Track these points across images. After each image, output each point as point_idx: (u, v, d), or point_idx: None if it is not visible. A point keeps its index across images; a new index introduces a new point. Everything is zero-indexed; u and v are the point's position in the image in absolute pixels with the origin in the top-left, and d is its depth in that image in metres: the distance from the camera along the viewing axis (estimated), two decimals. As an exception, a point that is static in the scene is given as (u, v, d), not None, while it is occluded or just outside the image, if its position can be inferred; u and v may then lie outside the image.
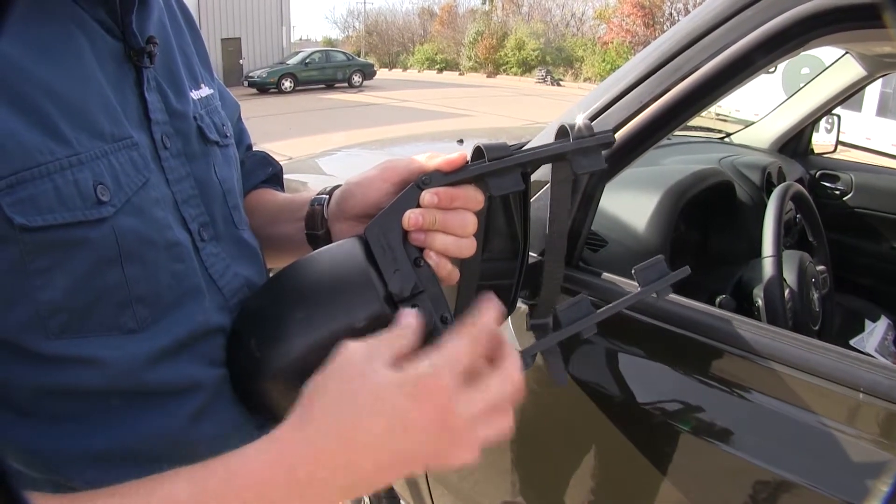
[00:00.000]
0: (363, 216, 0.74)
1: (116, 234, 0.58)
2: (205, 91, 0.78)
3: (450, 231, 0.67)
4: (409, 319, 0.59)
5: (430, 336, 0.62)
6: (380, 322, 0.63)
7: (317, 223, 0.81)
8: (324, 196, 0.82)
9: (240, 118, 0.94)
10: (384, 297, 0.64)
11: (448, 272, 0.68)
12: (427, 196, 0.66)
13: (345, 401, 0.53)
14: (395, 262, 0.66)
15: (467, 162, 0.68)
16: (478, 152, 0.68)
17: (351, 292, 0.65)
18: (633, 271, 0.75)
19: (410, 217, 0.66)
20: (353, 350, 0.55)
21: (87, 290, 0.56)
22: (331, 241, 0.78)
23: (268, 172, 0.98)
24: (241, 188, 0.83)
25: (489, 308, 0.59)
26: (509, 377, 0.57)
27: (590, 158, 0.71)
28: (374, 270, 0.65)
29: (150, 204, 0.62)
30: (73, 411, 0.58)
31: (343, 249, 0.68)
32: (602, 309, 0.70)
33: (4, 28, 0.47)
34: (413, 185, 0.68)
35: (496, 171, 0.67)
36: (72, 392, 0.57)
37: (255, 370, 0.67)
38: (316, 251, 0.71)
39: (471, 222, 0.68)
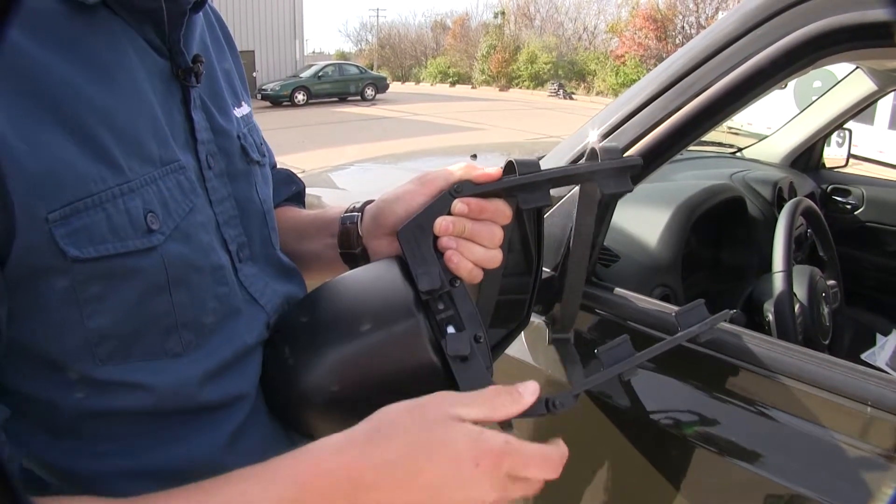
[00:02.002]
0: None
1: (165, 262, 0.57)
2: (245, 109, 0.78)
3: (478, 241, 0.69)
4: (526, 395, 0.60)
5: (461, 356, 0.64)
6: (414, 339, 0.64)
7: (352, 241, 0.81)
8: (355, 214, 0.82)
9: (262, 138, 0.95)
10: (423, 320, 0.65)
11: (468, 270, 0.69)
12: (458, 205, 0.69)
13: (420, 441, 0.54)
14: (424, 263, 0.68)
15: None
16: (509, 167, 0.70)
17: (388, 311, 0.66)
18: (673, 314, 0.77)
19: (441, 224, 0.69)
20: (443, 396, 0.57)
21: (135, 317, 0.56)
22: (368, 259, 0.80)
23: (291, 190, 0.97)
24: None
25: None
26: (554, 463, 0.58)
27: (617, 180, 0.73)
28: (413, 291, 0.66)
29: (197, 228, 0.62)
30: (114, 433, 0.57)
31: (382, 269, 0.70)
32: (643, 352, 0.72)
33: (8, 28, 0.46)
34: (446, 193, 0.70)
35: (527, 185, 0.69)
36: (115, 415, 0.57)
37: (287, 379, 0.68)
38: (354, 270, 0.73)
39: (498, 235, 0.70)
